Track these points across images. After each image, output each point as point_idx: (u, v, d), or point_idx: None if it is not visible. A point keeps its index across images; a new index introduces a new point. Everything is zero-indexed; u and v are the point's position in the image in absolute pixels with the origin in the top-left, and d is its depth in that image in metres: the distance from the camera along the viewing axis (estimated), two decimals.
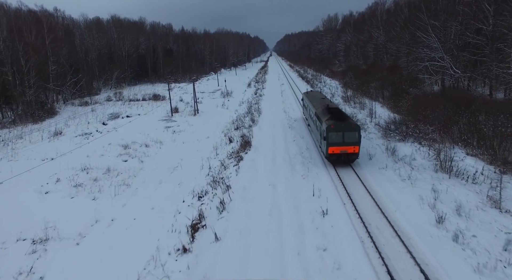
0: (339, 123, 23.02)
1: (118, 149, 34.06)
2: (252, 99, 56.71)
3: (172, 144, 35.07)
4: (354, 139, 22.69)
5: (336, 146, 22.66)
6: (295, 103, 50.47)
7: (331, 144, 22.71)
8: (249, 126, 36.14)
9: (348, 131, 22.70)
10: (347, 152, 22.76)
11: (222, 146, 31.48)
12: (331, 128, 22.77)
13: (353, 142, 22.68)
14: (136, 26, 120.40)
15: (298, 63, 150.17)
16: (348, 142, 22.62)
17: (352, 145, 22.65)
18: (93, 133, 41.31)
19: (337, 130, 22.70)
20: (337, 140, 22.62)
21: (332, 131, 22.74)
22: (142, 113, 53.43)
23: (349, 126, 22.91)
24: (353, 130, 22.77)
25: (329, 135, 22.73)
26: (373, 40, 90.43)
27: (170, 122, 46.22)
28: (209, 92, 74.37)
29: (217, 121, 43.72)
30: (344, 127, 22.80)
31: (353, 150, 22.74)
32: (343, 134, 22.65)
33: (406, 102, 38.88)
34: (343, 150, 22.66)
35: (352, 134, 22.70)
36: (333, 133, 22.69)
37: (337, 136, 22.64)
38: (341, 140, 22.61)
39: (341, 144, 22.62)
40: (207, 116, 48.51)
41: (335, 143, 22.64)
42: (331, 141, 22.67)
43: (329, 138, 22.70)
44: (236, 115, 43.98)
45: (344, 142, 22.61)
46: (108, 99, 70.97)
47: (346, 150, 22.68)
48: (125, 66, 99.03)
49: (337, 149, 22.67)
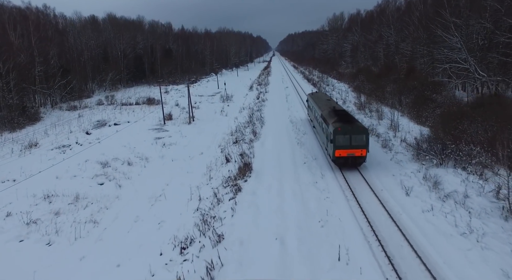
0: (346, 126, 22.77)
1: (96, 167, 28.83)
2: (254, 105, 51.36)
3: (159, 162, 29.80)
4: (361, 142, 22.34)
5: (343, 149, 22.41)
6: (303, 111, 45.04)
7: (338, 146, 22.46)
8: (250, 141, 30.78)
9: (356, 134, 22.38)
10: (354, 155, 22.48)
11: (217, 167, 26.17)
12: (338, 131, 22.47)
13: (361, 145, 22.34)
14: (134, 25, 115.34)
15: (303, 63, 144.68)
16: (356, 145, 22.32)
17: (360, 148, 22.33)
18: (72, 146, 36.11)
19: (344, 133, 22.46)
20: (344, 142, 22.38)
21: (339, 134, 22.46)
22: (132, 120, 48.20)
23: (357, 129, 22.59)
24: (361, 133, 22.42)
25: (336, 138, 22.43)
26: (383, 40, 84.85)
27: (161, 132, 40.96)
28: (207, 96, 69.15)
29: (214, 131, 38.41)
30: (352, 130, 22.52)
31: (360, 153, 22.41)
32: (351, 137, 22.36)
33: (433, 112, 33.49)
34: (350, 153, 22.41)
35: (359, 137, 22.33)
36: (340, 136, 22.44)
37: (344, 139, 22.38)
38: (348, 143, 22.35)
39: (348, 147, 22.38)
40: (203, 124, 43.22)
41: (342, 145, 22.40)
42: (338, 144, 22.44)
43: (336, 141, 22.44)
44: (236, 125, 38.66)
45: (351, 145, 22.35)
46: (99, 103, 65.84)
47: (353, 153, 22.40)
48: (121, 67, 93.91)
49: (344, 152, 22.43)
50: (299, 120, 39.10)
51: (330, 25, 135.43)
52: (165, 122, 45.08)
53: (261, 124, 37.75)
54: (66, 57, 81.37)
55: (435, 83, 45.85)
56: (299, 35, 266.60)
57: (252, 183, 20.82)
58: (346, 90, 59.96)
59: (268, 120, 39.94)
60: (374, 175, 21.51)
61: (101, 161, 29.93)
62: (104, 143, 36.67)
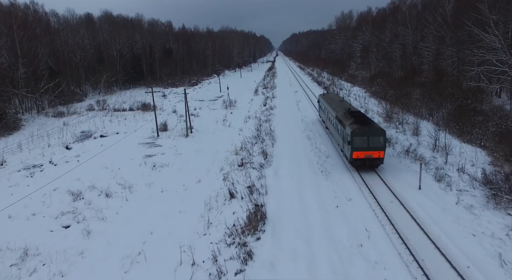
0: (364, 127, 22.74)
1: (65, 200, 22.70)
2: (261, 113, 45.05)
3: (145, 192, 23.58)
4: (379, 144, 22.26)
5: (360, 151, 22.36)
6: (319, 123, 38.60)
7: (355, 148, 22.43)
8: (260, 167, 24.49)
9: (373, 136, 22.32)
10: (372, 157, 22.42)
11: (218, 205, 19.96)
12: (356, 132, 22.44)
13: (379, 147, 22.27)
14: (132, 23, 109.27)
15: (309, 64, 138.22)
16: (373, 147, 22.25)
17: (377, 149, 22.27)
18: (44, 166, 30.01)
19: (361, 134, 22.37)
20: (361, 144, 22.32)
21: (356, 135, 22.42)
22: (122, 131, 42.03)
23: (374, 131, 22.58)
24: (378, 135, 22.38)
25: (353, 139, 22.39)
26: (398, 40, 78.36)
27: (153, 147, 34.81)
28: (209, 101, 62.92)
29: (215, 148, 32.18)
30: (369, 132, 22.47)
31: (378, 155, 22.32)
32: (368, 139, 22.29)
33: (483, 127, 27.15)
34: (368, 154, 22.36)
35: (377, 139, 22.28)
36: (358, 138, 22.40)
37: (362, 141, 22.33)
38: (366, 145, 22.29)
39: (366, 149, 22.33)
40: (203, 138, 37.00)
41: (360, 147, 22.34)
42: (356, 146, 22.37)
43: (353, 143, 22.37)
44: (241, 140, 32.45)
45: (369, 147, 22.28)
46: (89, 108, 59.76)
47: (371, 154, 22.34)
48: (117, 68, 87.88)
49: (361, 153, 22.38)
50: (318, 136, 32.70)
51: (338, 24, 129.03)
52: (158, 134, 38.91)
53: (272, 141, 31.38)
54: (57, 58, 75.50)
55: (472, 90, 39.49)
56: (304, 35, 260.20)
57: (268, 245, 14.55)
58: (363, 96, 53.59)
59: (280, 136, 33.55)
60: (444, 234, 14.96)
61: (73, 190, 23.79)
62: (83, 162, 30.53)
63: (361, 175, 22.30)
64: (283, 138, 32.31)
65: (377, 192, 19.68)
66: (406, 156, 24.93)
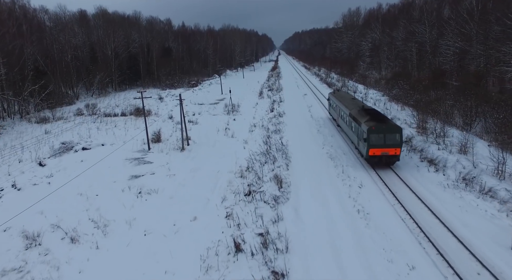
0: (380, 125, 22.93)
1: (14, 247, 17.10)
2: (268, 121, 39.30)
3: (124, 236, 17.94)
4: (395, 141, 22.46)
5: (377, 148, 22.58)
6: (339, 136, 32.69)
7: (372, 145, 22.66)
8: (274, 201, 18.73)
9: (390, 133, 22.54)
10: (388, 154, 22.62)
11: (219, 265, 14.31)
12: (372, 130, 22.61)
13: (395, 144, 22.47)
14: (129, 21, 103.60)
15: (314, 64, 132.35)
16: (390, 144, 22.47)
17: (394, 147, 22.48)
18: (4, 192, 24.40)
19: (378, 132, 22.54)
20: (378, 141, 22.53)
21: (373, 133, 22.60)
22: (108, 142, 36.44)
23: (391, 128, 22.85)
24: (395, 132, 22.60)
25: (370, 137, 22.56)
26: (414, 38, 72.53)
27: (142, 164, 29.20)
28: (209, 104, 57.26)
29: (215, 168, 26.49)
30: (386, 129, 22.68)
31: (394, 152, 22.55)
32: (385, 136, 22.50)
33: None
34: (384, 152, 22.58)
35: (393, 136, 22.49)
36: (374, 135, 22.59)
37: (378, 138, 22.53)
38: (383, 142, 22.51)
39: (382, 146, 22.52)
40: (201, 152, 31.37)
41: (376, 144, 22.57)
42: (372, 143, 22.62)
43: (370, 140, 22.57)
44: (247, 158, 26.78)
45: (385, 144, 22.49)
46: (78, 113, 54.15)
47: (387, 152, 22.56)
48: (112, 68, 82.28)
49: (378, 150, 22.61)
50: (341, 154, 26.82)
51: (345, 22, 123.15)
52: (150, 147, 33.30)
53: (286, 160, 25.55)
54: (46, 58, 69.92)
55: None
56: (307, 33, 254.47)
57: None
58: (381, 100, 47.83)
59: (294, 152, 27.69)
60: None
61: (30, 231, 18.19)
62: (54, 185, 24.93)
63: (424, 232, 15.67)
64: (299, 157, 26.45)
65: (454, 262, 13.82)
66: (466, 186, 19.14)
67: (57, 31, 73.60)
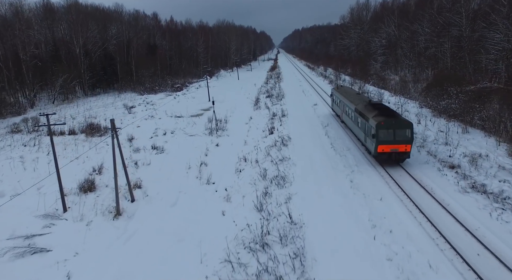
0: (389, 120, 21.90)
1: None
2: (266, 154, 25.55)
3: None
4: (406, 137, 21.44)
5: (386, 144, 21.56)
6: (394, 195, 19.29)
7: (380, 142, 21.62)
8: None
9: (400, 129, 21.50)
10: (398, 151, 21.62)
11: None
12: (381, 125, 21.62)
13: (405, 140, 21.43)
14: (105, 14, 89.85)
15: (318, 63, 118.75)
16: (400, 140, 21.42)
17: (404, 143, 21.45)
18: None
19: (387, 127, 21.57)
20: (387, 137, 21.52)
21: (382, 128, 21.60)
22: (10, 191, 23.04)
23: (401, 123, 21.79)
24: (405, 128, 21.53)
25: (378, 132, 21.56)
26: (447, 32, 59.20)
27: (29, 256, 15.79)
28: (189, 116, 43.76)
29: (163, 270, 13.03)
30: (395, 125, 21.66)
31: (404, 148, 21.52)
32: (394, 132, 21.48)
33: None
34: (393, 148, 21.59)
35: (403, 132, 21.44)
36: (383, 131, 21.59)
37: (388, 134, 21.53)
38: (392, 138, 21.50)
39: (391, 142, 21.51)
40: (147, 224, 17.95)
41: (385, 140, 21.53)
42: (381, 139, 21.58)
43: (378, 136, 21.57)
44: (226, 249, 13.36)
45: (395, 140, 21.45)
46: (14, 130, 40.70)
47: (397, 148, 21.55)
48: (81, 69, 68.83)
49: (387, 147, 21.60)
50: (407, 256, 13.45)
51: (354, 16, 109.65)
52: (65, 207, 19.82)
53: (303, 259, 11.81)
54: None
55: None
56: (308, 31, 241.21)
57: None
58: (422, 113, 34.45)
59: (316, 241, 13.95)
60: None
61: None
62: None
63: None
64: (329, 255, 12.74)
65: None
66: None
67: (5, 23, 59.89)
